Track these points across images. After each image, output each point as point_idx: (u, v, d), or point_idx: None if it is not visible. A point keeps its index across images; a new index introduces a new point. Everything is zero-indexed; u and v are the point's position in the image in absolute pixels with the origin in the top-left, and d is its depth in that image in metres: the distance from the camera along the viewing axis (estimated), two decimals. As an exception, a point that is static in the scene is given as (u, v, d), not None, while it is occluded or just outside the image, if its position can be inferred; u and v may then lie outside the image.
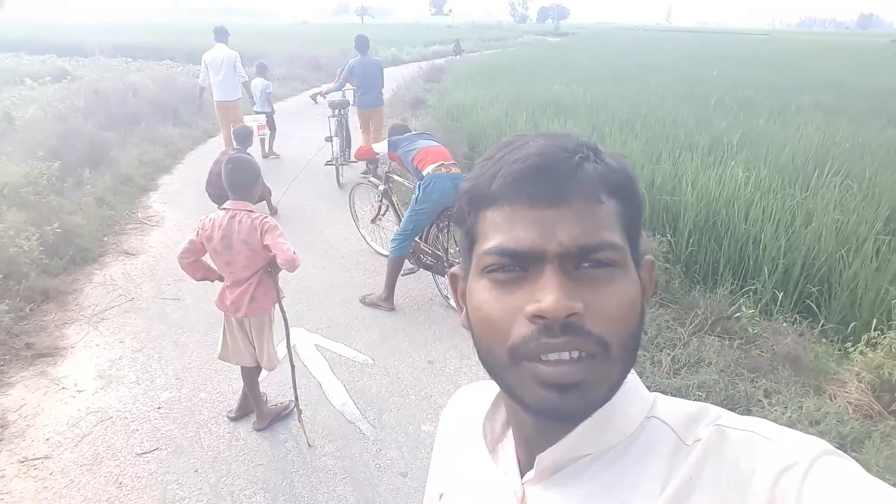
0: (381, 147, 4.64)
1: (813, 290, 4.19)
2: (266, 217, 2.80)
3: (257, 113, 8.50)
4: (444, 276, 4.49)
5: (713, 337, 3.96)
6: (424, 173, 4.26)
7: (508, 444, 0.67)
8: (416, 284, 4.85)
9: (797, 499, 0.47)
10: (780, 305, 4.16)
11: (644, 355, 3.80)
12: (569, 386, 0.52)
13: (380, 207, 5.34)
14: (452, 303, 4.41)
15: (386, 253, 4.70)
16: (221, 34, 7.97)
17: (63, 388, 3.36)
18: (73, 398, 3.28)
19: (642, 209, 0.60)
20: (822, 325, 3.93)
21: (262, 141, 8.65)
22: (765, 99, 10.76)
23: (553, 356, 0.53)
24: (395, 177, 5.17)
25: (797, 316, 4.05)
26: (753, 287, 4.36)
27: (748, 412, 3.32)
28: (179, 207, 6.51)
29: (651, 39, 45.02)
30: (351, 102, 7.92)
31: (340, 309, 4.43)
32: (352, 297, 4.63)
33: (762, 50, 33.45)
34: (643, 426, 0.59)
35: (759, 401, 3.38)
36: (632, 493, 0.56)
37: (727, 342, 3.90)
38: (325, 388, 3.47)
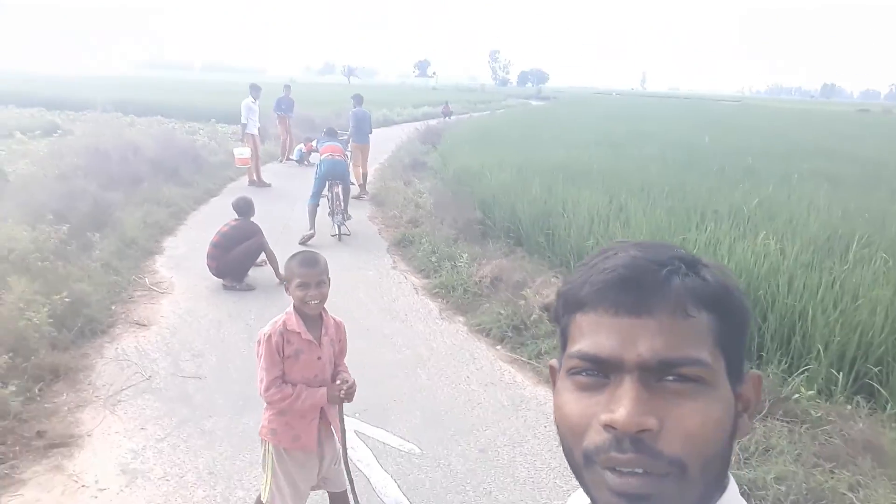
0: (314, 144, 9.05)
1: (873, 369, 4.02)
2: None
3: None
4: (337, 215, 7.75)
5: (777, 420, 3.74)
6: (321, 158, 8.04)
7: None
8: (451, 362, 4.60)
9: None
10: (840, 386, 3.98)
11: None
12: (637, 497, 0.52)
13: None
14: (345, 231, 7.86)
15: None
16: (252, 88, 11.43)
17: (83, 485, 2.98)
18: (94, 499, 2.91)
19: (745, 325, 0.60)
20: (890, 408, 3.75)
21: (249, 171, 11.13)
22: (765, 167, 10.87)
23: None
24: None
25: (859, 398, 3.87)
26: (807, 366, 4.18)
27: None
28: (188, 273, 6.19)
29: (629, 105, 46.34)
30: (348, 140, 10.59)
31: (374, 389, 4.11)
32: (384, 375, 4.35)
33: (740, 116, 34.46)
34: None
35: (844, 494, 3.14)
36: None
37: (795, 427, 3.68)
38: (374, 484, 3.15)
